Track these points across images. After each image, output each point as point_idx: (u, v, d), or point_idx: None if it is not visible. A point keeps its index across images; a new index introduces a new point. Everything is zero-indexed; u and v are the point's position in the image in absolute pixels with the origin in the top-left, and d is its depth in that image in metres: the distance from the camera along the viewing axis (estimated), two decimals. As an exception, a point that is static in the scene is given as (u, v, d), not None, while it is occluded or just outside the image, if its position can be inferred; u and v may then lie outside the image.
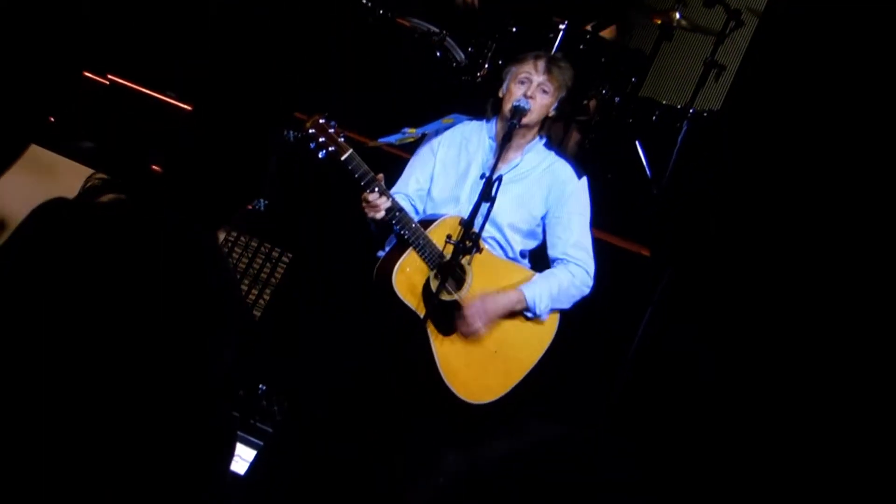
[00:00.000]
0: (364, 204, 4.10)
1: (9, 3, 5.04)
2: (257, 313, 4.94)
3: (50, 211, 2.29)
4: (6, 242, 2.28)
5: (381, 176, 4.09)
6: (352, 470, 3.82)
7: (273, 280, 4.96)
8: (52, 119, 5.27)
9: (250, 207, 4.95)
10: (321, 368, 4.32)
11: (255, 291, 4.92)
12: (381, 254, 4.29)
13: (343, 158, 4.07)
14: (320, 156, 4.09)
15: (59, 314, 2.18)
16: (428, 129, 4.41)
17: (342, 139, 4.09)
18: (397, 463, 3.76)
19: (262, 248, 4.97)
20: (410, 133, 4.38)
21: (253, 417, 4.90)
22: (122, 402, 2.19)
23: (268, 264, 4.95)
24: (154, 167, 2.57)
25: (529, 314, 4.29)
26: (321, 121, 4.09)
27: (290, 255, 4.97)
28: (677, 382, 4.80)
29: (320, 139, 4.08)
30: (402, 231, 4.12)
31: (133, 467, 2.20)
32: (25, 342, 2.17)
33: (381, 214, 4.07)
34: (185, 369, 2.24)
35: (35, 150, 4.89)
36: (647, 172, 5.89)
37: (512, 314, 4.28)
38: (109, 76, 5.43)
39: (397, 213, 4.09)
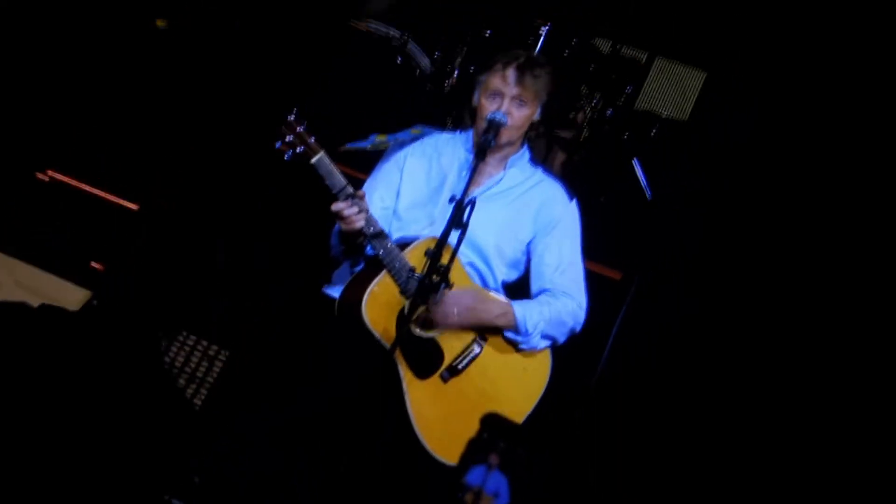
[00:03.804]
0: (336, 216, 3.67)
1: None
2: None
3: None
4: None
5: (362, 192, 3.70)
6: None
7: (209, 378, 4.94)
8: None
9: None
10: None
11: (191, 388, 4.90)
12: (327, 290, 3.91)
13: (313, 161, 3.67)
14: (286, 157, 3.69)
15: None
16: (400, 136, 4.02)
17: (313, 140, 3.70)
18: None
19: (199, 346, 4.95)
20: (381, 140, 4.00)
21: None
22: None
23: (204, 362, 4.93)
24: (96, 264, 2.57)
25: (519, 337, 3.84)
26: (289, 118, 3.70)
27: (226, 353, 4.95)
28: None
29: (287, 138, 3.69)
30: (376, 250, 3.71)
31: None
32: None
33: (360, 224, 3.64)
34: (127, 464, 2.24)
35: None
36: (647, 194, 5.32)
37: (498, 346, 3.83)
38: (50, 172, 5.39)
39: (372, 229, 3.68)
